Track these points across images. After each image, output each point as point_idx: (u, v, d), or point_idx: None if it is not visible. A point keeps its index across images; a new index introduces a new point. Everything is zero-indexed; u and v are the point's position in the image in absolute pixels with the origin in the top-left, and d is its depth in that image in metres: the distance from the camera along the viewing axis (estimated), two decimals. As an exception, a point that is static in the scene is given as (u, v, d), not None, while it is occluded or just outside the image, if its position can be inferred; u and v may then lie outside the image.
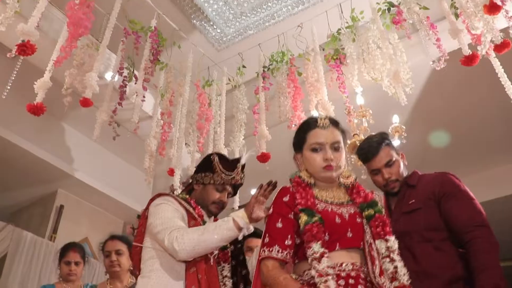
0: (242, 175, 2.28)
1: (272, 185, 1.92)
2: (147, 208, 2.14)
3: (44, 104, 2.62)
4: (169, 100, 3.46)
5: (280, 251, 1.63)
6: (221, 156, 2.27)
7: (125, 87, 3.29)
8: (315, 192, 1.76)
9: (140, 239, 2.11)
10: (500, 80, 2.76)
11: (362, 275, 1.59)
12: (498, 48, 2.57)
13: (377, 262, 1.61)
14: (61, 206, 5.49)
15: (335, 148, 1.74)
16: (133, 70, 3.42)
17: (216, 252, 2.07)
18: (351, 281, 1.56)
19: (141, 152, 3.34)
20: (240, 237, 2.00)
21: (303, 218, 1.63)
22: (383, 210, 1.74)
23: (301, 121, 2.04)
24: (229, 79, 3.64)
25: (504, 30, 2.72)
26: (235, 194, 2.33)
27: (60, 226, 5.35)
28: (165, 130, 3.39)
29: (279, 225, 1.68)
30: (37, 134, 4.94)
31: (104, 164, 5.67)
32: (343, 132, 1.82)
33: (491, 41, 2.64)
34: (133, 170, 5.75)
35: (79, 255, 3.42)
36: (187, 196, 2.20)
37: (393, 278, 1.56)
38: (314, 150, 1.75)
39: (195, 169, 2.31)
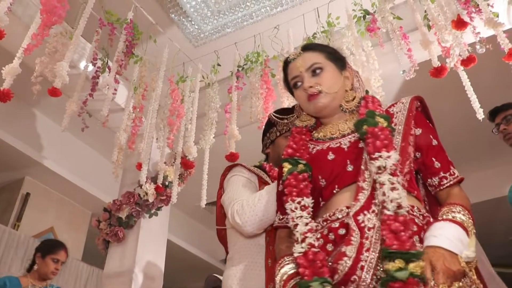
0: None
1: None
2: (221, 187, 1.97)
3: (14, 90, 2.59)
4: (142, 94, 3.45)
5: (280, 217, 1.45)
6: (276, 110, 2.10)
7: (98, 78, 3.26)
8: (316, 133, 1.50)
9: (222, 221, 1.96)
10: (467, 93, 2.84)
11: None
12: (465, 62, 2.65)
13: (360, 195, 1.25)
14: (27, 194, 5.40)
15: (314, 72, 1.46)
16: (107, 62, 3.40)
17: None
18: (340, 231, 1.25)
19: (112, 143, 3.32)
20: None
21: (284, 170, 1.40)
22: (385, 120, 1.33)
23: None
24: (203, 77, 3.64)
25: (473, 45, 2.81)
26: None
27: (25, 214, 5.26)
28: (136, 124, 3.38)
29: (280, 187, 1.46)
30: (6, 119, 4.85)
31: (74, 153, 5.60)
32: (326, 52, 1.52)
33: (459, 55, 2.72)
34: (103, 160, 5.70)
35: (66, 256, 3.42)
36: (264, 162, 2.03)
37: (383, 208, 1.17)
38: (296, 86, 1.50)
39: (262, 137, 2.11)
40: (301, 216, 1.27)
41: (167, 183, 3.98)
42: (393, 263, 1.07)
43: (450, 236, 1.15)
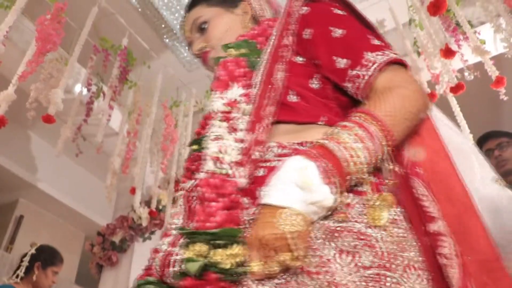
0: None
1: None
2: None
3: (8, 112, 2.61)
4: (136, 119, 3.48)
5: None
6: None
7: (92, 103, 3.29)
8: None
9: None
10: (456, 118, 2.88)
11: None
12: (454, 89, 2.70)
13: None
14: (21, 216, 5.37)
15: (199, 28, 1.18)
16: (102, 87, 3.43)
17: None
18: None
19: (106, 166, 3.34)
20: None
21: None
22: (237, 48, 1.03)
23: None
24: (196, 101, 3.68)
25: (461, 70, 2.87)
26: None
27: (18, 237, 5.22)
28: (130, 148, 3.40)
29: None
30: (0, 141, 4.85)
31: (68, 175, 5.60)
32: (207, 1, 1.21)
33: (448, 81, 2.77)
34: (97, 183, 5.69)
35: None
36: None
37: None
38: (196, 56, 1.22)
39: None
40: None
41: (160, 207, 3.99)
42: (187, 249, 0.73)
43: (278, 182, 0.73)
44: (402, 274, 0.69)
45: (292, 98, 0.92)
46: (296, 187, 0.70)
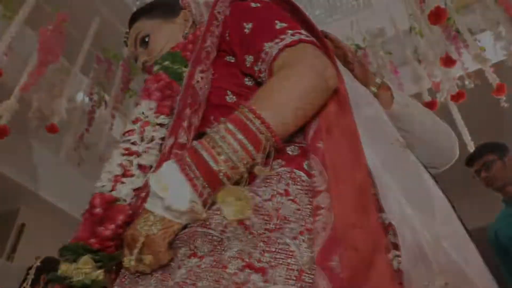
0: None
1: None
2: None
3: (11, 120, 2.62)
4: (137, 128, 3.48)
5: None
6: None
7: (94, 113, 3.30)
8: None
9: None
10: (458, 126, 2.89)
11: None
12: (454, 97, 2.71)
13: None
14: (23, 225, 5.37)
15: (142, 42, 1.18)
16: (103, 96, 3.44)
17: None
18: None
19: (108, 174, 3.33)
20: None
21: None
22: (160, 63, 1.06)
23: None
24: (197, 110, 3.68)
25: (462, 77, 2.87)
26: None
27: (20, 245, 5.21)
28: (131, 157, 3.40)
29: None
30: (2, 149, 4.85)
31: (70, 184, 5.59)
32: (148, 12, 1.21)
33: (449, 89, 2.78)
34: (99, 191, 5.68)
35: None
36: None
37: None
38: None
39: None
40: None
41: (162, 215, 3.98)
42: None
43: (151, 189, 0.73)
44: (295, 236, 0.68)
45: (231, 98, 0.91)
46: (157, 193, 0.71)
